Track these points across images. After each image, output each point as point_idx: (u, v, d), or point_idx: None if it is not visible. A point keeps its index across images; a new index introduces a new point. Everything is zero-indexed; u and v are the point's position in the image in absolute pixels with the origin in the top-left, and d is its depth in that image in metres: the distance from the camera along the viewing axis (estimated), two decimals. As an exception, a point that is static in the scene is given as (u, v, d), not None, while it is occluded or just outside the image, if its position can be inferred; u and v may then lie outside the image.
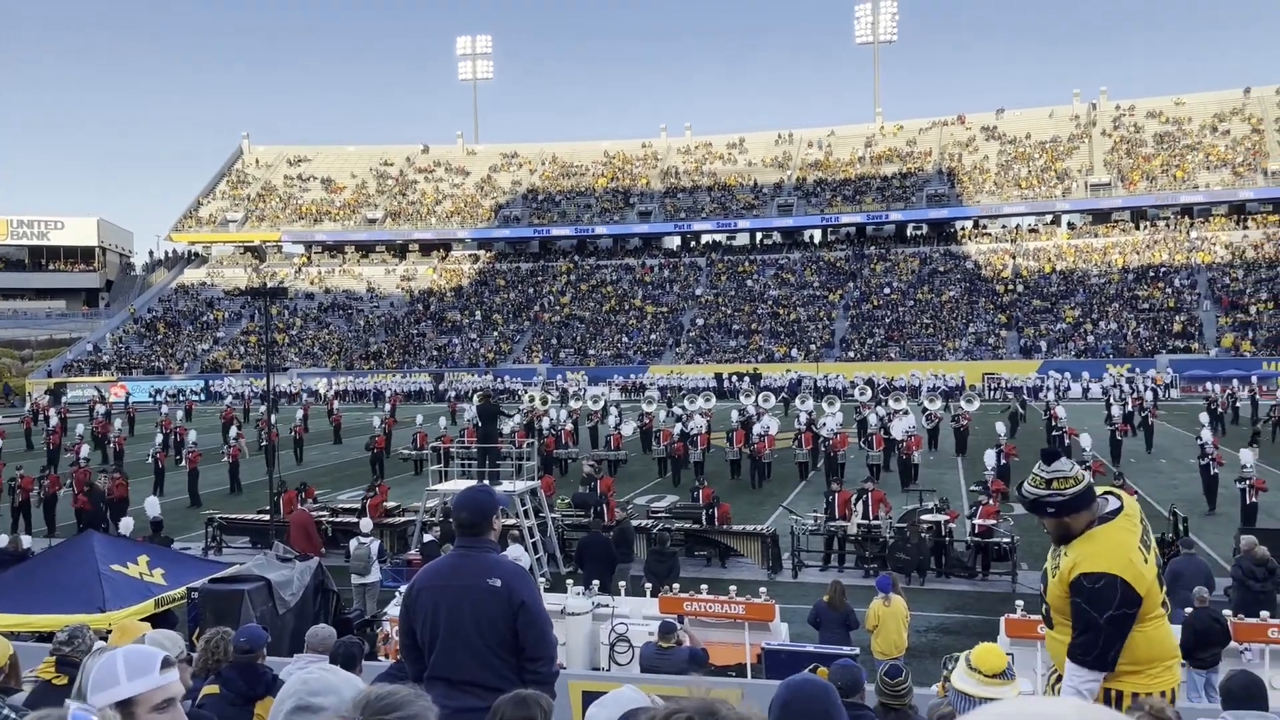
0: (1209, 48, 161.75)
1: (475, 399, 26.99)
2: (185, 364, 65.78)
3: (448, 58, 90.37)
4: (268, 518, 17.48)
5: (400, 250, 78.25)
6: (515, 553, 12.70)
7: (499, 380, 57.56)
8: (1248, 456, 17.94)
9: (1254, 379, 41.77)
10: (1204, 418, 25.79)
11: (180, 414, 41.82)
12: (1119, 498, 3.71)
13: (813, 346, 58.81)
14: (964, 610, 13.69)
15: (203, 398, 57.18)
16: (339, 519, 17.84)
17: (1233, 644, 9.14)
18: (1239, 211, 62.22)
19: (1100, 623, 3.40)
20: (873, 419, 27.79)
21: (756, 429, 26.02)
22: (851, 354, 57.49)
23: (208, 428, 36.42)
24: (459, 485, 14.93)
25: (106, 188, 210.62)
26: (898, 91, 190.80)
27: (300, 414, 33.67)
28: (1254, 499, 16.99)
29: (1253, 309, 53.21)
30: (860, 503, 16.05)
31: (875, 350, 57.40)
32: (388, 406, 40.30)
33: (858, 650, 9.89)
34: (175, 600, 10.56)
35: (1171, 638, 3.68)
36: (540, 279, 72.70)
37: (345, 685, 2.21)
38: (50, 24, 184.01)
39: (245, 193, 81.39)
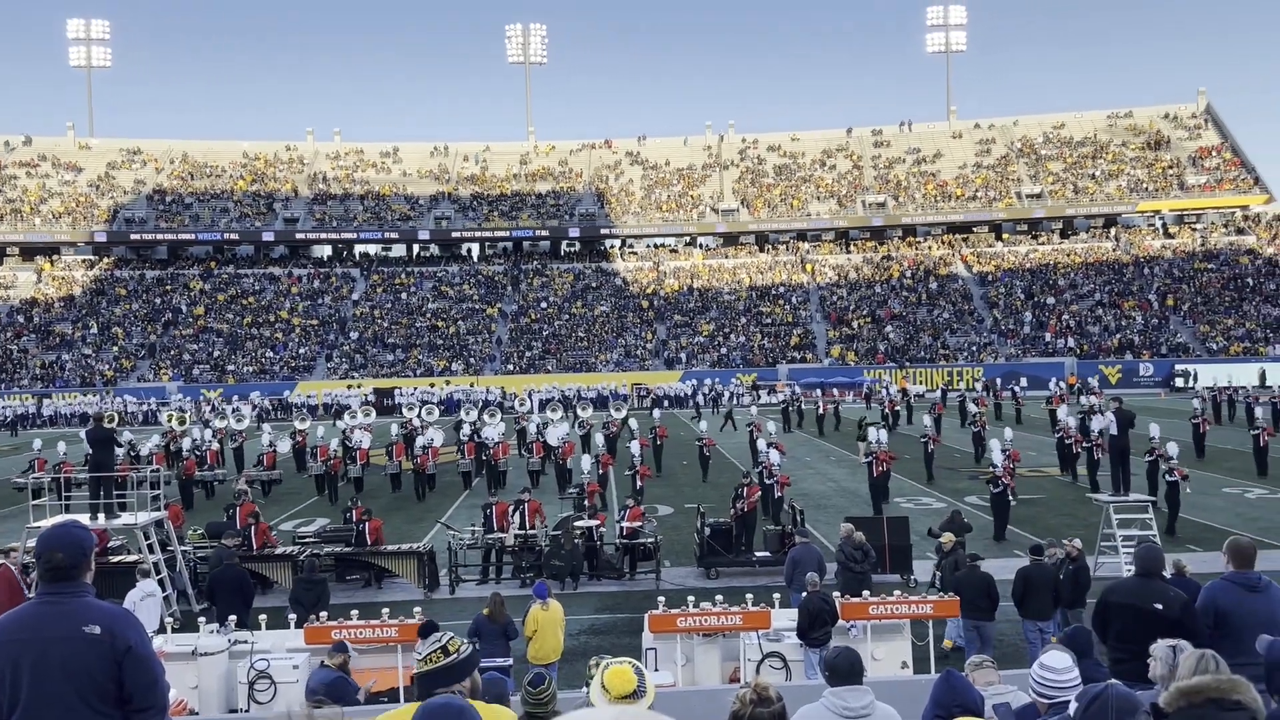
0: (820, 89, 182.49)
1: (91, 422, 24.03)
2: None
3: (57, 41, 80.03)
4: None
5: (-5, 254, 67.95)
6: (148, 588, 11.53)
7: (120, 400, 51.74)
8: (775, 456, 19.72)
9: (904, 382, 47.69)
10: (770, 425, 26.98)
11: None
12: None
13: (473, 359, 58.85)
14: (613, 610, 14.30)
15: None
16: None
17: (841, 622, 10.25)
18: (843, 237, 70.93)
19: None
20: (531, 428, 28.49)
21: (420, 441, 25.63)
22: (511, 367, 58.26)
23: None
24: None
25: None
26: (550, 112, 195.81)
27: None
28: (780, 494, 18.47)
29: (855, 323, 60.87)
30: (517, 513, 16.29)
31: (534, 363, 58.61)
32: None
33: (510, 662, 9.98)
34: None
35: None
36: (169, 288, 66.34)
37: None
38: None
39: None
